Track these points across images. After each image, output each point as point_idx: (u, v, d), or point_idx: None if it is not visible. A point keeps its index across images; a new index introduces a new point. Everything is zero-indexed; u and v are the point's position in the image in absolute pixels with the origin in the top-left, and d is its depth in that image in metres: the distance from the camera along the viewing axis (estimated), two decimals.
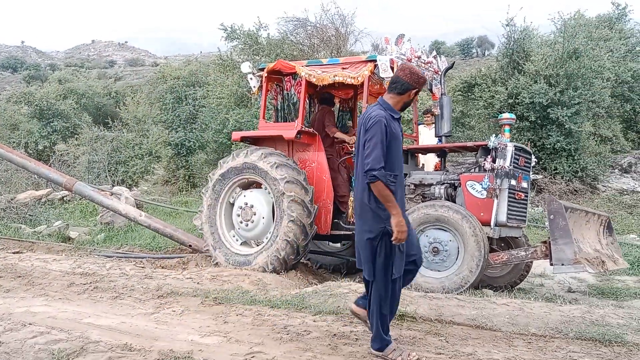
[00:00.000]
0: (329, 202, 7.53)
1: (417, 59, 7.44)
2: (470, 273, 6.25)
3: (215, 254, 7.73)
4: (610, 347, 4.31)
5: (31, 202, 12.75)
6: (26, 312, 5.22)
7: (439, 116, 7.67)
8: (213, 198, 7.83)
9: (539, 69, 13.39)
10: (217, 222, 7.80)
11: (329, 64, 7.67)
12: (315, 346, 4.34)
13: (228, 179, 7.72)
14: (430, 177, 7.28)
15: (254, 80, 8.18)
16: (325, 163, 7.64)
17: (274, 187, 7.28)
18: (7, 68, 74.27)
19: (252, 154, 7.51)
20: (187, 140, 18.84)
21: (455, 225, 6.39)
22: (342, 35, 16.34)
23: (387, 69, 6.97)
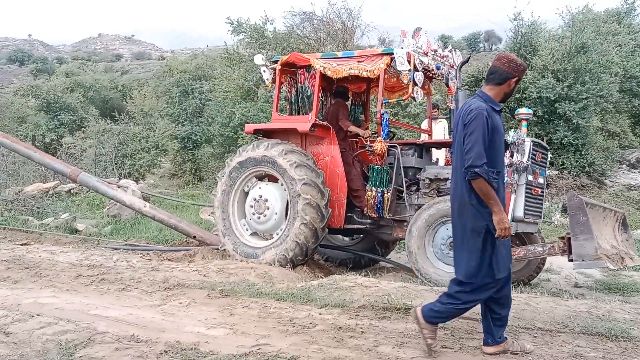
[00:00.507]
0: (343, 196, 7.48)
1: (433, 52, 7.39)
2: None
3: (225, 240, 7.72)
4: (617, 342, 4.30)
5: (39, 195, 12.82)
6: (34, 303, 5.25)
7: (454, 110, 7.62)
8: (228, 184, 7.75)
9: (546, 64, 13.32)
10: (230, 209, 7.74)
11: (344, 57, 7.61)
12: (321, 339, 4.35)
13: (245, 168, 7.64)
14: (446, 172, 7.24)
15: (267, 72, 8.13)
16: (339, 157, 7.58)
17: (291, 187, 7.22)
18: (15, 61, 74.43)
19: (272, 148, 7.41)
20: (194, 134, 18.87)
21: (447, 212, 6.35)
22: (349, 29, 16.31)
23: (404, 62, 6.95)
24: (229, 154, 16.91)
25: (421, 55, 7.17)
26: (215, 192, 7.90)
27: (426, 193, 7.26)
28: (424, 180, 7.31)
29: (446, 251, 6.54)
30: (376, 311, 5.01)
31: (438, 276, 6.42)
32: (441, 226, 6.61)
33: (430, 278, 6.45)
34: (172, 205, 12.96)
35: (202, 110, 19.20)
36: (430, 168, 7.46)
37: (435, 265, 6.54)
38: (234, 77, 15.90)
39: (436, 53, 7.48)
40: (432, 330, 3.98)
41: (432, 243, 6.65)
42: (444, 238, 6.56)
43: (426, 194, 7.26)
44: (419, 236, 6.65)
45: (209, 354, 4.03)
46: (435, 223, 6.61)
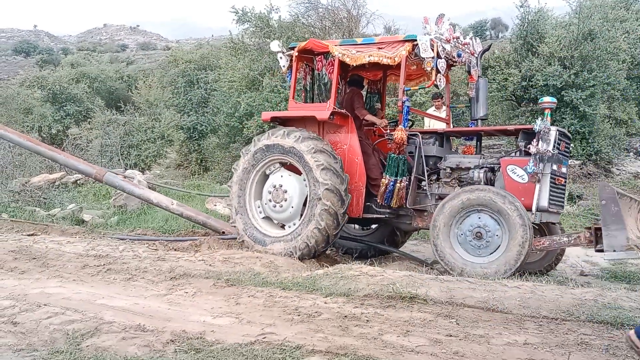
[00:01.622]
0: (361, 185, 7.40)
1: (455, 39, 7.31)
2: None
3: (236, 217, 7.67)
4: (622, 330, 4.29)
5: (45, 186, 12.86)
6: (41, 293, 5.29)
7: (474, 99, 7.58)
8: (251, 163, 7.63)
9: (553, 51, 13.21)
10: (247, 188, 7.65)
11: (363, 44, 7.49)
12: (326, 327, 4.37)
13: (271, 152, 7.49)
14: (468, 161, 7.20)
15: (283, 59, 8.00)
16: (357, 145, 7.49)
17: (313, 188, 7.09)
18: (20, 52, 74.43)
19: (302, 142, 7.21)
20: (199, 124, 18.84)
21: (500, 210, 6.31)
22: (354, 18, 16.22)
23: (427, 49, 6.86)
24: (235, 144, 16.97)
25: (444, 43, 7.07)
26: (236, 168, 7.78)
27: (447, 182, 7.20)
28: (444, 170, 7.23)
29: (473, 243, 6.47)
30: (381, 300, 5.02)
31: (462, 266, 6.37)
32: (467, 216, 6.53)
33: (454, 268, 6.40)
34: (178, 195, 12.99)
35: (207, 101, 19.16)
36: (452, 157, 7.38)
37: (460, 256, 6.49)
38: (239, 66, 15.84)
39: (458, 40, 7.38)
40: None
41: (457, 233, 6.58)
42: (469, 228, 6.49)
43: (447, 183, 7.20)
44: (444, 226, 6.57)
45: (214, 343, 4.06)
46: (461, 213, 6.53)
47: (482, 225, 6.44)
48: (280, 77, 14.91)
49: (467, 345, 4.01)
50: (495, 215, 6.38)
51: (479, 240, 6.46)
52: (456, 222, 6.58)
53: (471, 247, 6.51)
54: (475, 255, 6.48)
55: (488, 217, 6.42)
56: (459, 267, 6.42)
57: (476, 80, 7.57)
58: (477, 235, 6.46)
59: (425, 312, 4.74)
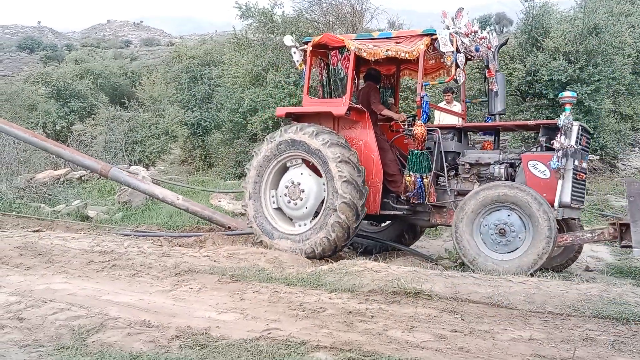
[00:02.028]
0: (378, 181, 7.33)
1: (473, 33, 7.22)
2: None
3: (248, 202, 7.60)
4: (628, 326, 4.29)
5: (50, 182, 12.90)
6: (46, 289, 5.31)
7: (492, 94, 7.51)
8: (273, 153, 7.49)
9: (558, 46, 13.14)
10: (265, 175, 7.55)
11: (380, 38, 7.38)
12: (331, 323, 4.37)
13: (296, 148, 7.34)
14: (487, 157, 7.13)
15: (297, 54, 7.88)
16: (374, 141, 7.40)
17: (331, 198, 6.99)
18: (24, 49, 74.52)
19: (330, 147, 7.03)
20: (203, 120, 18.86)
21: (524, 207, 6.26)
22: (358, 12, 16.17)
23: (447, 43, 6.78)
24: (239, 140, 16.97)
25: (462, 37, 7.00)
26: (257, 152, 7.65)
27: (466, 178, 7.14)
28: (463, 165, 7.16)
29: (497, 239, 6.43)
30: (386, 295, 5.02)
31: (475, 255, 6.38)
32: (497, 210, 6.48)
33: (466, 255, 6.42)
34: (183, 191, 13.00)
35: (211, 96, 19.16)
36: (471, 153, 7.31)
37: (477, 245, 6.48)
38: (243, 62, 15.83)
39: (476, 35, 7.29)
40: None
41: (482, 222, 6.53)
42: (493, 225, 6.45)
43: (466, 179, 7.14)
44: (467, 222, 6.53)
45: (219, 338, 4.06)
46: (485, 209, 6.48)
47: (509, 224, 6.38)
48: (284, 73, 14.90)
49: (472, 341, 4.01)
50: (519, 212, 6.32)
51: (500, 236, 6.42)
52: (484, 213, 6.51)
53: (490, 241, 6.47)
54: (492, 250, 6.46)
55: (517, 218, 6.36)
56: (471, 255, 6.41)
57: (494, 75, 7.49)
58: (501, 231, 6.41)
59: (430, 307, 4.74)
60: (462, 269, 6.61)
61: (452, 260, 7.14)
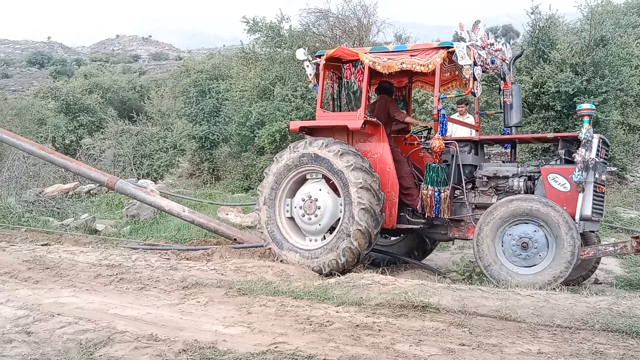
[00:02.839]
0: (394, 195, 7.25)
1: (490, 45, 7.21)
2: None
3: (262, 207, 7.51)
4: (638, 339, 4.25)
5: (59, 195, 12.97)
6: (54, 303, 5.32)
7: (508, 106, 7.45)
8: (295, 163, 7.40)
9: (565, 58, 13.14)
10: (283, 183, 7.46)
11: (395, 51, 7.34)
12: (338, 337, 4.35)
13: (318, 163, 7.21)
14: (506, 170, 7.06)
15: (310, 67, 7.84)
16: (389, 154, 7.34)
17: (346, 222, 6.95)
18: (35, 64, 75.35)
19: (353, 171, 6.93)
20: (211, 134, 18.93)
21: (553, 227, 6.19)
22: (365, 26, 16.24)
23: (464, 56, 6.75)
24: (246, 153, 17.03)
25: (479, 50, 6.98)
26: (279, 159, 7.53)
27: (484, 191, 7.07)
28: (481, 178, 7.09)
29: (519, 253, 6.37)
30: (393, 309, 5.00)
31: (499, 272, 6.32)
32: (518, 224, 6.41)
33: (482, 258, 6.38)
34: (190, 204, 13.04)
35: (219, 110, 19.26)
36: (488, 165, 7.25)
37: (500, 260, 6.41)
38: (250, 76, 15.92)
39: (492, 47, 7.27)
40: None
41: (503, 238, 6.48)
42: (517, 236, 6.38)
43: (484, 192, 7.07)
44: (493, 228, 6.46)
45: (226, 352, 4.06)
46: (514, 219, 6.41)
47: (533, 239, 6.32)
48: (291, 86, 14.97)
49: (480, 355, 3.98)
50: (541, 225, 6.27)
51: (522, 249, 6.36)
52: (512, 222, 6.43)
53: (510, 252, 6.42)
54: (509, 260, 6.41)
55: (543, 235, 6.30)
56: (488, 260, 6.38)
57: (510, 87, 7.44)
58: (523, 245, 6.35)
59: (438, 321, 4.71)
60: (470, 282, 6.58)
61: (460, 273, 7.09)
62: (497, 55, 7.37)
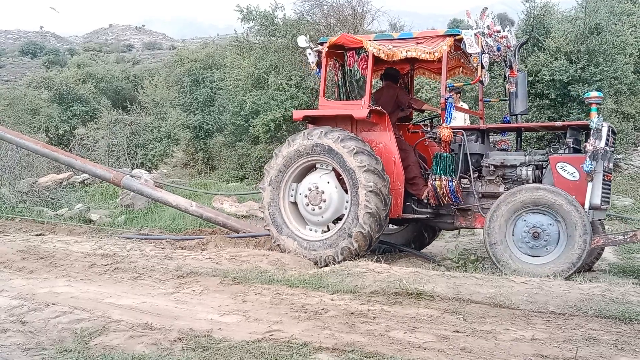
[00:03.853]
0: (400, 185, 7.14)
1: (496, 32, 7.08)
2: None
3: (267, 187, 7.38)
4: (631, 325, 4.28)
5: (53, 186, 12.91)
6: (49, 293, 5.32)
7: (513, 94, 7.38)
8: (306, 151, 7.22)
9: (559, 46, 13.13)
10: (292, 168, 7.32)
11: (400, 39, 7.21)
12: (333, 324, 4.37)
13: (331, 157, 7.06)
14: (513, 158, 7.01)
15: (312, 55, 7.71)
16: (394, 143, 7.22)
17: (350, 222, 6.86)
18: (27, 53, 74.77)
19: (365, 173, 6.81)
20: (205, 123, 18.88)
21: (559, 210, 6.16)
22: (359, 15, 16.18)
23: (473, 44, 6.65)
24: (241, 143, 17.00)
25: (486, 37, 6.87)
26: (291, 143, 7.34)
27: (491, 180, 7.01)
28: (487, 167, 7.03)
29: (530, 243, 6.33)
30: (388, 296, 5.03)
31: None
32: (536, 213, 6.36)
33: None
34: (185, 194, 13.02)
35: (213, 99, 19.19)
36: (495, 154, 7.17)
37: (506, 242, 6.38)
38: (244, 65, 15.86)
39: (498, 34, 7.14)
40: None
41: (517, 222, 6.43)
42: (531, 224, 6.34)
43: (490, 181, 7.01)
44: (511, 209, 6.39)
45: (222, 340, 4.07)
46: (534, 207, 6.35)
47: (546, 232, 6.28)
48: (285, 75, 14.92)
49: (474, 341, 4.01)
50: (553, 214, 6.23)
51: (532, 238, 6.33)
52: (531, 210, 6.36)
53: (520, 237, 6.39)
54: (515, 245, 6.39)
55: (556, 232, 6.26)
56: (495, 238, 6.35)
57: (517, 75, 7.36)
58: (534, 235, 6.32)
59: (432, 308, 4.74)
60: (465, 269, 6.61)
61: (455, 261, 7.12)
62: (502, 43, 7.23)
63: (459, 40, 6.82)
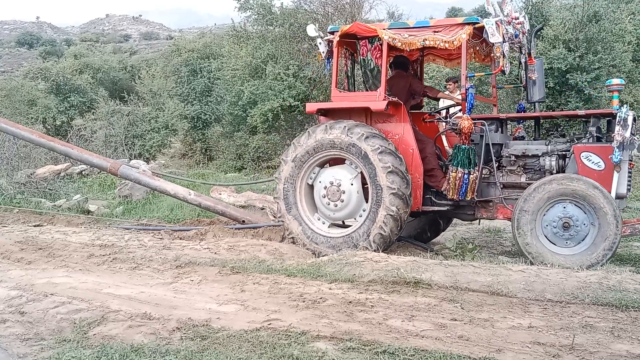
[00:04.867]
0: (418, 177, 6.98)
1: (514, 19, 6.92)
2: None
3: (289, 162, 7.21)
4: (627, 312, 4.30)
5: (50, 177, 12.91)
6: (48, 283, 5.33)
7: (531, 81, 7.23)
8: (330, 145, 6.99)
9: (557, 34, 13.10)
10: (313, 157, 7.12)
11: (416, 27, 6.96)
12: (331, 313, 4.39)
13: (355, 155, 6.86)
14: (535, 148, 6.88)
15: (322, 44, 7.49)
16: (411, 134, 7.04)
17: (365, 228, 6.80)
18: (23, 44, 74.50)
19: (389, 175, 6.63)
20: (203, 113, 18.85)
21: (590, 200, 6.08)
22: (357, 3, 16.12)
23: (495, 33, 6.48)
24: (239, 133, 16.98)
25: (506, 25, 6.71)
26: (313, 134, 7.12)
27: (512, 170, 6.90)
28: (508, 157, 6.91)
29: (560, 233, 6.26)
30: (386, 285, 5.04)
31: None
32: (553, 206, 6.29)
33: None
34: (183, 184, 13.01)
35: (210, 89, 19.15)
36: (516, 144, 7.03)
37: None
38: (242, 54, 15.81)
39: (516, 21, 6.97)
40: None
41: (548, 209, 6.32)
42: (562, 215, 6.24)
43: (512, 171, 6.90)
44: (545, 196, 6.28)
45: (220, 329, 4.08)
46: (548, 203, 6.28)
47: (575, 226, 6.20)
48: (283, 65, 14.87)
49: (471, 329, 4.02)
50: (583, 205, 6.16)
51: (561, 228, 6.26)
52: (568, 201, 6.26)
53: (548, 225, 6.32)
54: (540, 231, 6.33)
55: (585, 228, 6.18)
56: (524, 221, 6.28)
57: (535, 62, 7.23)
58: (565, 225, 6.24)
59: (430, 296, 4.75)
60: (462, 258, 6.62)
61: (452, 249, 7.14)
62: (518, 29, 7.06)
63: (478, 29, 6.69)
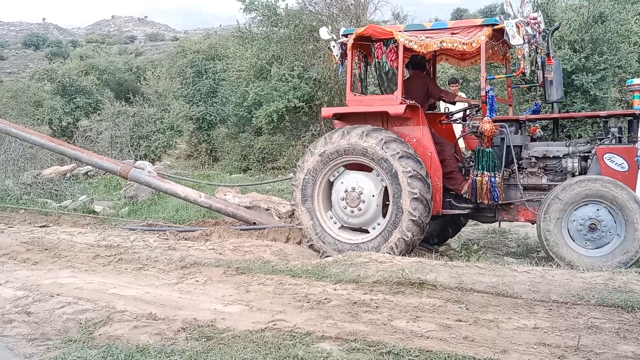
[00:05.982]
0: (438, 180, 6.89)
1: (532, 20, 6.80)
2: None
3: (315, 154, 7.07)
4: (633, 314, 4.28)
5: (56, 178, 12.95)
6: (54, 284, 5.35)
7: (549, 82, 7.14)
8: (348, 151, 6.90)
9: (563, 35, 13.06)
10: (332, 162, 7.01)
11: (433, 29, 6.89)
12: (336, 314, 4.39)
13: (377, 164, 6.78)
14: (556, 150, 6.80)
15: (336, 47, 7.41)
16: (429, 137, 6.96)
17: (381, 238, 6.72)
18: (30, 45, 74.81)
19: (413, 179, 6.57)
20: (208, 114, 18.87)
21: (626, 212, 6.00)
22: (362, 4, 16.10)
23: (515, 35, 6.39)
24: (244, 134, 16.99)
25: (525, 26, 6.61)
26: (331, 140, 7.00)
27: (532, 172, 6.81)
28: (529, 159, 6.83)
29: (587, 235, 6.19)
30: (390, 286, 5.03)
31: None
32: (587, 205, 6.21)
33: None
34: (188, 185, 13.04)
35: (216, 91, 19.18)
36: (536, 146, 6.94)
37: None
38: (247, 55, 15.82)
39: (535, 20, 6.84)
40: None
41: (576, 209, 6.25)
42: (590, 216, 6.17)
43: (532, 173, 6.81)
44: (562, 205, 6.22)
45: (225, 330, 4.09)
46: (573, 205, 6.21)
47: (602, 230, 6.14)
48: (288, 66, 14.88)
49: (476, 330, 4.02)
50: (609, 206, 6.10)
51: (587, 229, 6.19)
52: (568, 214, 6.24)
53: (574, 225, 6.25)
54: (587, 248, 6.24)
55: (612, 220, 6.12)
56: (550, 219, 6.22)
57: (553, 63, 7.15)
58: (591, 227, 6.17)
59: (435, 297, 4.75)
60: (467, 259, 6.61)
61: (457, 250, 7.13)
62: (535, 29, 6.94)
63: (497, 30, 6.62)
